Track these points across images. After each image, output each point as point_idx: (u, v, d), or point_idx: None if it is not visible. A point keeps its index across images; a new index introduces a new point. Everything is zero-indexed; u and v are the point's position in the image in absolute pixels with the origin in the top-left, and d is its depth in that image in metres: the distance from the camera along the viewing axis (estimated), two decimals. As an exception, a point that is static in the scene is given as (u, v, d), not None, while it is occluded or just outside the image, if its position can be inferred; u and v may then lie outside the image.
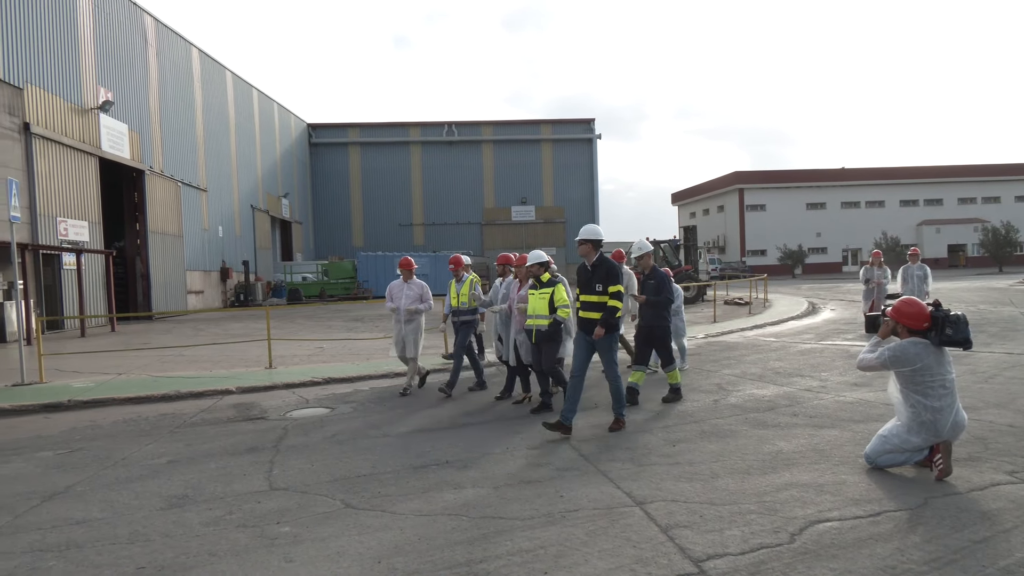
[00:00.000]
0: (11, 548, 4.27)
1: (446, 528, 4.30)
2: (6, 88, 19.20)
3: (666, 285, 8.18)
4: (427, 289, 9.40)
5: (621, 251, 10.45)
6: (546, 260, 7.74)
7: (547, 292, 7.51)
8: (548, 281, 7.59)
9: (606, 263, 6.79)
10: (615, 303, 6.66)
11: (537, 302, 7.55)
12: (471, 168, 52.31)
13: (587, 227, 7.00)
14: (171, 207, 28.97)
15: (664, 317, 8.18)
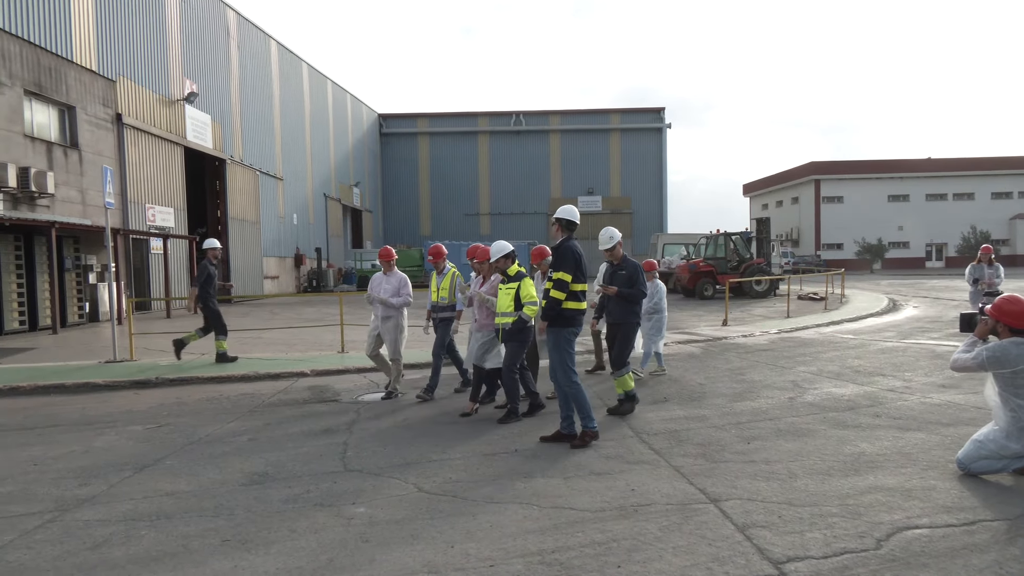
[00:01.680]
0: (107, 516, 4.53)
1: (517, 516, 4.31)
2: (101, 81, 20.27)
3: (639, 277, 7.30)
4: (406, 282, 8.54)
5: (653, 262, 9.75)
6: (511, 251, 7.11)
7: (513, 287, 6.91)
8: (515, 275, 7.01)
9: (561, 247, 6.12)
10: (556, 293, 5.97)
11: (504, 298, 6.95)
12: (538, 158, 52.22)
13: (564, 207, 6.41)
14: (250, 195, 30.07)
15: (635, 313, 7.34)
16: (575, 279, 6.02)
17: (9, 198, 16.39)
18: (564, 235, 6.23)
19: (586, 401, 6.04)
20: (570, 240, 6.20)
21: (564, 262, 6.01)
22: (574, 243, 6.18)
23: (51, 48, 18.23)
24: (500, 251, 7.10)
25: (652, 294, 9.23)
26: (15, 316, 16.16)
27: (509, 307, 6.86)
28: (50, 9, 18.35)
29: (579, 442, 5.93)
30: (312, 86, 38.72)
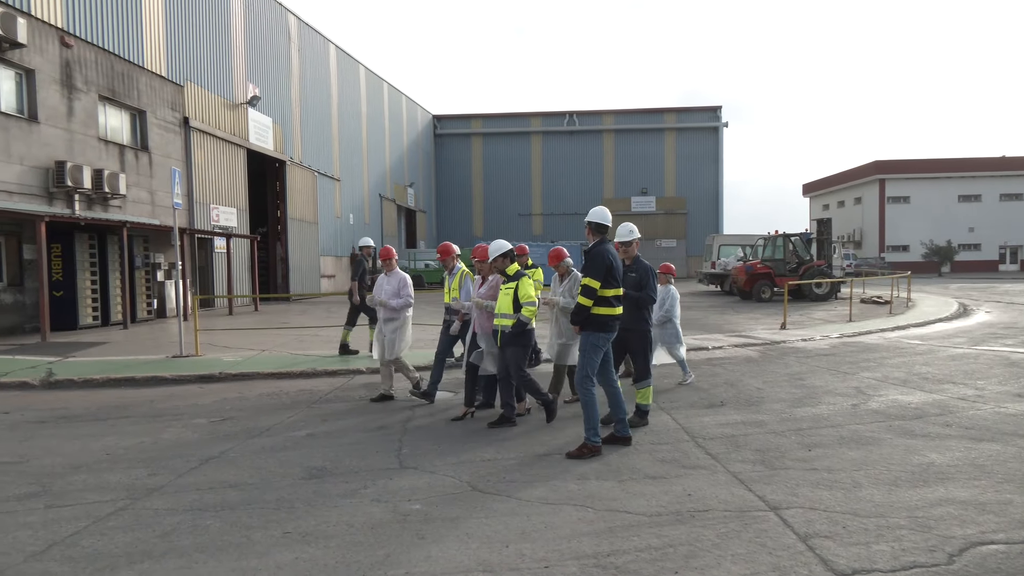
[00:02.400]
0: (175, 505, 4.70)
1: (572, 518, 4.29)
2: (169, 86, 21.08)
3: (650, 280, 6.80)
4: (407, 282, 8.22)
5: (670, 265, 9.29)
6: (509, 250, 6.87)
7: (512, 287, 6.66)
8: (514, 275, 6.77)
9: (591, 251, 5.91)
10: (583, 299, 5.75)
11: (503, 299, 6.71)
12: (591, 158, 51.93)
13: (595, 208, 6.15)
14: (308, 196, 30.81)
15: (644, 320, 6.76)
16: (605, 284, 5.78)
17: (84, 199, 17.20)
18: (596, 238, 5.99)
19: (596, 413, 5.74)
20: (602, 244, 5.95)
21: (594, 267, 5.79)
22: (606, 246, 5.95)
23: (124, 55, 19.04)
24: (497, 250, 6.85)
25: (663, 300, 8.72)
26: (89, 312, 16.94)
27: (508, 308, 6.64)
28: (123, 17, 19.17)
29: (576, 452, 5.64)
30: (369, 88, 39.41)
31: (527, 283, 6.66)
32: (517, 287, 6.65)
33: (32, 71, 15.83)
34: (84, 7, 17.61)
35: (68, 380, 9.67)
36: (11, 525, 4.35)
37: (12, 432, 7.00)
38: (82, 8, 17.53)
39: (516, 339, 6.64)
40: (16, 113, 15.59)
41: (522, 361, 6.70)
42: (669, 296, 8.93)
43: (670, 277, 9.07)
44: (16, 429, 7.14)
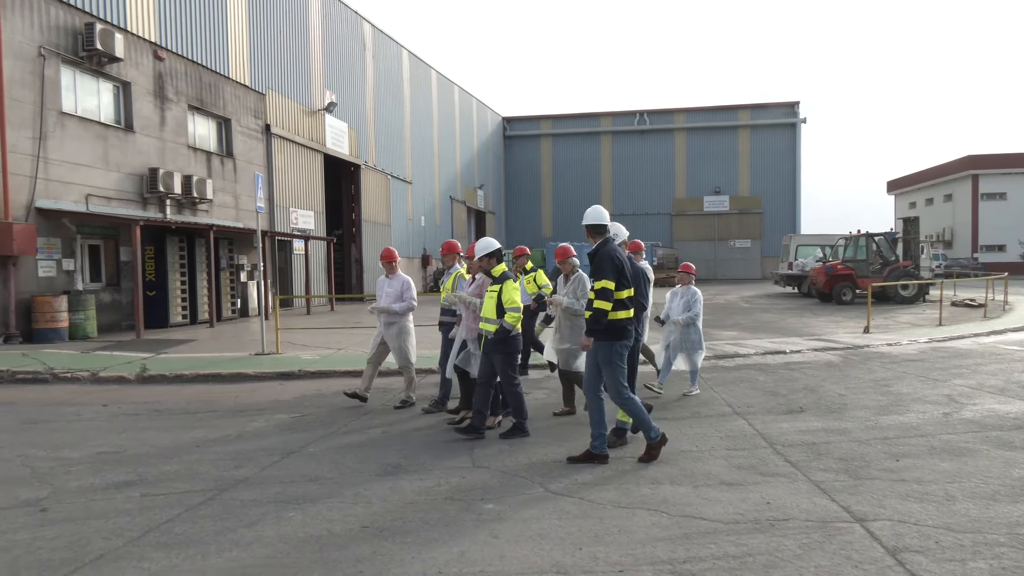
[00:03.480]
0: (259, 497, 4.90)
1: (646, 523, 4.24)
2: (252, 94, 22.00)
3: (642, 286, 6.39)
4: (410, 285, 8.03)
5: (690, 265, 8.82)
6: (496, 249, 6.53)
7: (496, 290, 6.32)
8: (499, 276, 6.41)
9: (598, 252, 5.59)
10: (601, 303, 5.39)
11: (488, 302, 6.39)
12: (662, 157, 51.12)
13: (588, 210, 5.89)
14: (381, 198, 31.56)
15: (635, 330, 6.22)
16: (618, 285, 5.46)
17: (175, 203, 18.14)
18: (597, 240, 5.70)
19: (643, 412, 5.57)
20: (607, 244, 5.64)
21: (603, 268, 5.44)
22: (612, 246, 5.63)
23: (211, 66, 19.99)
24: (484, 249, 6.55)
25: (688, 303, 8.38)
26: (179, 311, 17.86)
27: (491, 313, 6.31)
28: (211, 31, 20.12)
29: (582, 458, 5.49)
30: (440, 92, 40.02)
31: (511, 287, 6.29)
32: (501, 291, 6.29)
33: (128, 83, 16.82)
34: (175, 22, 18.58)
35: (160, 375, 10.23)
36: (111, 512, 4.63)
37: (110, 424, 7.45)
38: (173, 23, 18.51)
39: (500, 346, 6.27)
40: (114, 123, 16.60)
41: (510, 371, 6.34)
42: (693, 297, 8.49)
43: (691, 277, 8.66)
44: (114, 421, 7.59)
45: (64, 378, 10.16)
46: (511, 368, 6.36)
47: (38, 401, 8.79)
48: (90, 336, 14.70)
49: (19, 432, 7.09)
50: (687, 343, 8.42)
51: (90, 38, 15.19)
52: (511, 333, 6.25)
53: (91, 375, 10.24)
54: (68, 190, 15.03)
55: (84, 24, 15.29)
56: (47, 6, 14.62)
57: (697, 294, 8.54)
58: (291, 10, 24.55)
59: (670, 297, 8.74)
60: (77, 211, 15.09)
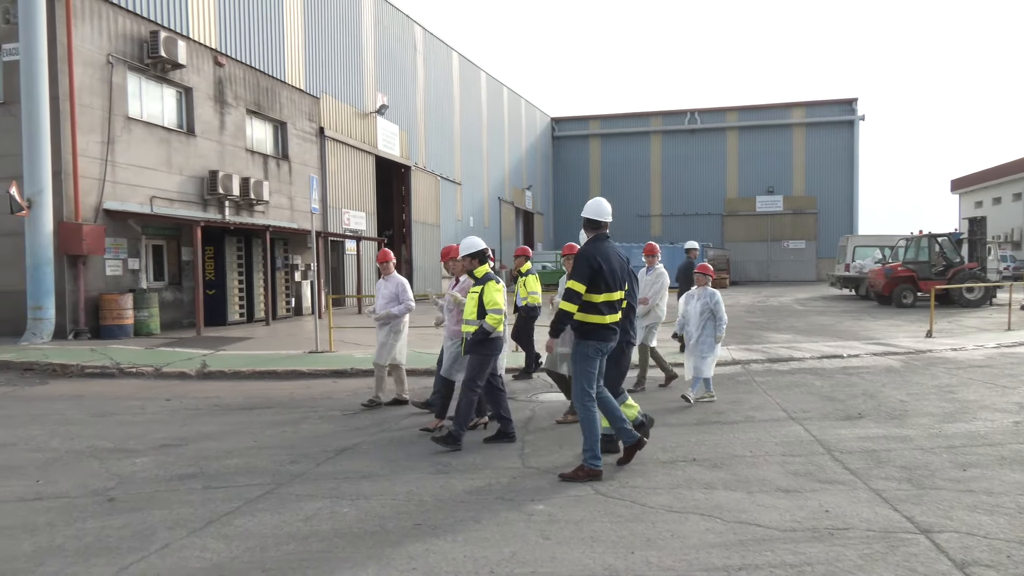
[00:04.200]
0: (315, 492, 5.01)
1: (699, 528, 4.17)
2: (307, 98, 22.51)
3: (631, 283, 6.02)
4: (405, 287, 8.02)
5: (707, 266, 8.28)
6: (480, 250, 6.36)
7: (478, 291, 6.19)
8: (481, 277, 6.28)
9: (579, 251, 5.44)
10: (565, 305, 5.20)
11: (469, 303, 6.25)
12: (713, 157, 50.27)
13: (590, 201, 5.67)
14: (431, 199, 31.91)
15: (625, 331, 5.89)
16: (593, 288, 5.22)
17: (233, 205, 18.69)
18: (590, 235, 5.51)
19: (596, 432, 5.22)
20: (595, 242, 5.43)
21: (577, 269, 5.26)
22: (597, 245, 5.39)
23: (268, 71, 20.53)
24: (467, 248, 6.39)
25: (706, 306, 7.92)
26: (236, 309, 18.40)
27: (472, 314, 6.17)
28: (268, 37, 20.67)
29: (572, 475, 5.15)
30: (489, 93, 40.22)
31: (493, 288, 6.13)
32: (482, 292, 6.15)
33: (190, 89, 17.40)
34: (234, 29, 19.15)
35: (219, 371, 10.55)
36: (175, 503, 4.80)
37: (172, 417, 7.73)
38: (233, 30, 19.07)
39: (478, 347, 6.14)
40: (176, 128, 17.20)
41: (478, 372, 6.14)
42: (712, 300, 7.95)
43: (708, 278, 8.14)
44: (176, 415, 7.87)
45: (130, 373, 10.58)
46: (480, 372, 6.15)
47: (105, 395, 9.17)
48: (153, 333, 15.26)
49: (88, 424, 7.41)
50: (700, 347, 7.90)
51: (155, 46, 15.78)
52: (491, 335, 6.11)
53: (155, 370, 10.63)
54: (134, 192, 15.64)
55: (149, 32, 15.89)
56: (115, 15, 15.25)
57: (716, 296, 8.00)
58: (344, 15, 25.02)
59: (684, 301, 8.30)
60: (142, 212, 15.69)
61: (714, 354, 8.00)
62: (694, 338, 7.98)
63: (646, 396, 8.32)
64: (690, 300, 8.19)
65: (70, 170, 14.08)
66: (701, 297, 8.05)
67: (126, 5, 15.51)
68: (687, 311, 8.17)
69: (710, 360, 7.95)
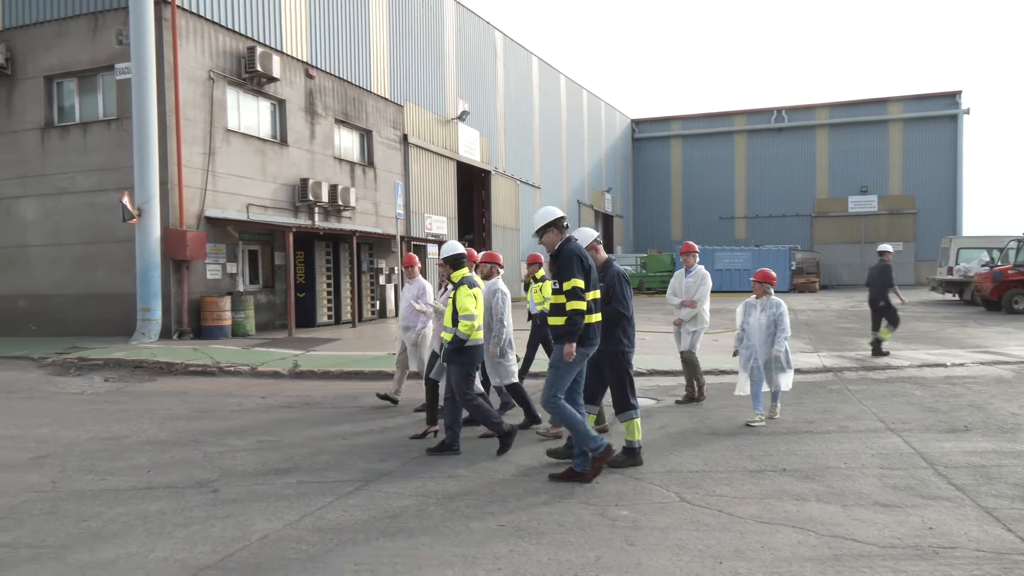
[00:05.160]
0: (402, 490, 5.14)
1: (791, 541, 4.04)
2: (392, 107, 23.16)
3: (615, 290, 5.75)
4: (425, 290, 7.96)
5: (767, 272, 7.38)
6: (457, 254, 6.20)
7: (453, 296, 6.09)
8: (457, 282, 6.12)
9: (562, 250, 5.25)
10: (576, 304, 5.07)
11: (448, 309, 6.13)
12: (801, 156, 48.38)
13: (540, 210, 5.52)
14: (510, 203, 32.17)
15: (617, 340, 5.70)
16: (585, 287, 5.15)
17: (322, 211, 19.44)
18: (558, 239, 5.38)
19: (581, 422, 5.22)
20: (570, 242, 5.33)
21: (570, 267, 5.11)
22: (576, 244, 5.34)
23: (355, 81, 21.25)
24: (445, 252, 6.26)
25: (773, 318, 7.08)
26: (325, 311, 19.13)
27: (449, 320, 6.06)
28: (355, 48, 21.39)
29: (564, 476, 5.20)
30: (568, 97, 40.20)
31: (464, 293, 5.97)
32: (455, 297, 6.02)
33: (283, 101, 18.23)
34: (323, 42, 19.92)
35: (310, 371, 10.99)
36: (272, 496, 5.04)
37: (267, 414, 8.11)
38: (322, 43, 19.85)
39: (454, 356, 6.01)
40: (271, 138, 18.05)
41: (464, 383, 6.02)
42: (777, 311, 7.11)
43: (769, 287, 7.25)
44: (271, 412, 8.26)
45: (228, 371, 11.17)
46: (466, 381, 6.05)
47: (207, 391, 9.72)
48: (249, 334, 16.04)
49: (192, 419, 7.87)
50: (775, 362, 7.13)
51: (251, 61, 16.63)
52: (466, 343, 5.99)
53: (251, 369, 11.18)
54: (232, 200, 16.51)
55: (247, 48, 16.75)
56: (216, 34, 16.16)
57: (781, 307, 7.15)
58: (428, 25, 25.59)
59: (744, 311, 7.36)
60: (239, 219, 16.54)
61: (791, 369, 7.28)
62: (759, 353, 7.15)
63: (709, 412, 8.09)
64: (751, 311, 7.29)
65: (175, 180, 15.01)
66: (765, 308, 7.19)
67: (226, 23, 16.42)
68: (748, 323, 7.28)
69: (790, 373, 7.27)
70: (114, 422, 7.77)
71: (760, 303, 7.23)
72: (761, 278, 7.28)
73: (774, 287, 7.29)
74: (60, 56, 15.88)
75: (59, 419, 8.00)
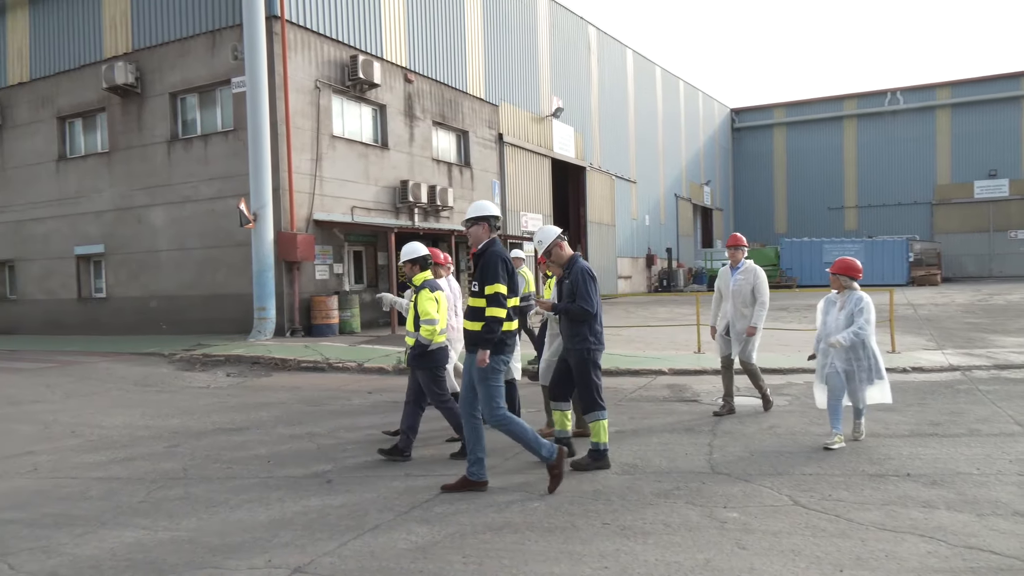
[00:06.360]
0: (505, 485, 5.21)
1: (919, 551, 3.79)
2: (487, 107, 23.46)
3: (579, 287, 5.45)
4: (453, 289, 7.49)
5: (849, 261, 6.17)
6: (419, 256, 6.02)
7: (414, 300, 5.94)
8: (419, 285, 5.95)
9: (486, 251, 5.02)
10: (495, 311, 4.87)
11: (410, 314, 6.00)
12: (920, 139, 45.18)
13: (476, 202, 5.29)
14: (606, 199, 31.87)
15: (583, 337, 5.46)
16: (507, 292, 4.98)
17: (421, 211, 19.96)
18: (486, 236, 5.15)
19: (524, 431, 5.02)
20: (494, 244, 5.11)
21: (493, 271, 4.91)
22: (500, 247, 5.11)
23: (451, 83, 21.68)
24: (407, 254, 6.06)
25: (851, 315, 5.91)
26: (425, 309, 19.63)
27: (411, 325, 5.97)
28: (451, 51, 21.82)
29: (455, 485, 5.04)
30: (664, 88, 39.36)
31: (425, 297, 5.85)
32: (415, 300, 5.91)
33: (384, 106, 18.85)
34: (421, 47, 20.43)
35: (413, 367, 11.30)
36: (382, 488, 5.23)
37: (375, 409, 8.41)
38: (420, 48, 20.37)
39: (419, 361, 5.93)
40: (372, 142, 18.71)
41: (434, 386, 5.97)
42: (858, 307, 5.93)
43: (849, 279, 6.06)
44: (377, 407, 8.56)
45: (337, 367, 11.67)
46: (436, 384, 5.99)
47: (318, 387, 10.20)
48: (355, 331, 16.71)
49: (305, 413, 8.29)
50: (858, 371, 6.01)
51: (354, 69, 17.28)
52: (428, 347, 5.88)
53: (358, 366, 11.64)
54: (337, 203, 17.24)
55: (349, 57, 17.43)
56: (321, 45, 16.91)
57: (864, 300, 5.96)
58: (521, 24, 25.73)
59: (824, 308, 6.25)
60: (344, 221, 17.25)
61: (884, 379, 6.08)
62: (838, 358, 6.02)
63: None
64: (831, 308, 6.20)
65: (286, 186, 15.83)
66: (845, 304, 6.05)
67: (330, 34, 17.14)
68: (827, 323, 6.19)
69: (881, 383, 6.06)
70: (236, 414, 8.30)
71: (840, 299, 6.13)
72: (840, 269, 6.08)
73: (857, 279, 6.09)
74: (183, 73, 17.08)
75: (188, 411, 8.63)
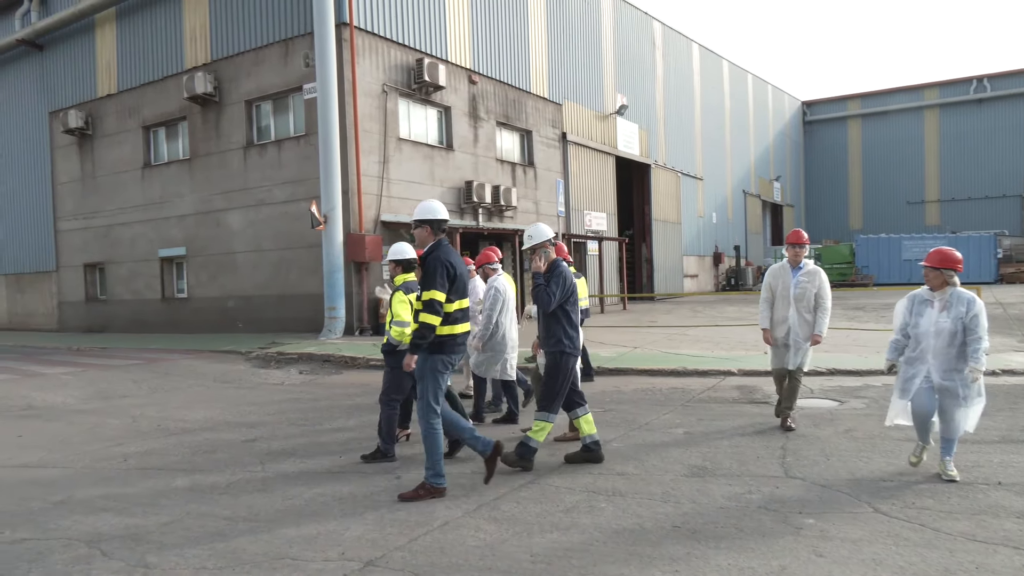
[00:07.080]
0: (572, 485, 5.19)
1: (1013, 564, 3.58)
2: (550, 106, 23.43)
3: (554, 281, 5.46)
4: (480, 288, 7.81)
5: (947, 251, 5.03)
6: (404, 259, 6.12)
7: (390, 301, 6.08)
8: (398, 286, 6.09)
9: (429, 257, 4.97)
10: (427, 317, 4.84)
11: (388, 315, 6.13)
12: (1010, 129, 42.65)
13: (423, 203, 5.17)
14: (671, 196, 31.35)
15: (557, 339, 5.51)
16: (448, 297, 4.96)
17: (485, 211, 20.11)
18: (430, 239, 5.10)
19: (439, 450, 5.05)
20: (439, 247, 5.04)
21: (433, 276, 4.89)
22: (443, 251, 5.02)
23: (515, 84, 21.75)
24: (393, 254, 6.17)
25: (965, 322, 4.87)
26: (489, 308, 19.78)
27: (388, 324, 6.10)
28: (515, 52, 21.89)
29: (412, 494, 4.96)
30: (732, 82, 38.43)
31: (399, 299, 5.97)
32: (391, 300, 6.06)
33: (448, 108, 19.07)
34: (485, 48, 20.58)
35: (478, 366, 11.39)
36: (450, 485, 5.27)
37: (442, 407, 8.50)
38: (484, 49, 20.52)
39: (388, 359, 6.12)
40: (437, 144, 18.96)
41: (392, 386, 6.06)
42: (970, 310, 4.88)
43: (952, 274, 4.98)
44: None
45: (404, 366, 11.87)
46: (393, 386, 6.09)
47: (386, 384, 10.39)
48: (421, 330, 16.96)
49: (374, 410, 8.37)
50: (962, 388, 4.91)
51: (419, 72, 17.55)
52: (396, 348, 5.94)
53: (424, 364, 11.80)
54: (403, 204, 17.54)
55: (415, 60, 17.71)
56: (388, 49, 17.24)
57: (978, 302, 4.91)
58: (585, 21, 25.59)
59: (912, 308, 5.18)
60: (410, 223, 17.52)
61: (982, 398, 4.99)
62: (935, 371, 4.98)
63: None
64: (924, 309, 5.09)
65: (355, 188, 16.22)
66: (949, 305, 4.97)
67: (396, 38, 17.46)
68: (917, 327, 5.10)
69: (978, 406, 4.98)
70: (309, 411, 8.56)
71: (939, 299, 5.03)
72: (939, 262, 4.97)
73: (959, 273, 5.06)
74: (258, 81, 17.72)
75: (264, 406, 8.96)
